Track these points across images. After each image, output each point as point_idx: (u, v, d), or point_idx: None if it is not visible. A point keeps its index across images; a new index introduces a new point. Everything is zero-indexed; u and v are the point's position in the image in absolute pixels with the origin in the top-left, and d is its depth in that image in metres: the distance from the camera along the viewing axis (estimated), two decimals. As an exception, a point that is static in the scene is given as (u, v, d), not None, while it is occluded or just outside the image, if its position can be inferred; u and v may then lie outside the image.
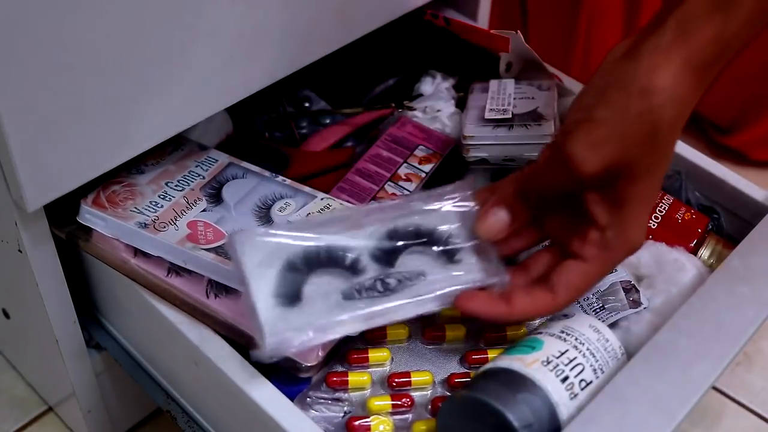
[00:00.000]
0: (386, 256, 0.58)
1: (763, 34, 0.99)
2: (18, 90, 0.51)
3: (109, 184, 0.64)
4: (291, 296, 0.55)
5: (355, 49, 0.73)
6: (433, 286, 0.57)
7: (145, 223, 0.62)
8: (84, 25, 0.52)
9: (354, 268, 0.58)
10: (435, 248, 0.59)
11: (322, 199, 0.67)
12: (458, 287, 0.57)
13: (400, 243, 0.59)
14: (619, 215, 0.55)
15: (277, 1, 0.63)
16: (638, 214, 0.55)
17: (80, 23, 0.52)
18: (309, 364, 0.57)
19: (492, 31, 0.78)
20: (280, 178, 0.68)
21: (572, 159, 0.52)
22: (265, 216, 0.65)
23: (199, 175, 0.67)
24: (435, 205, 0.61)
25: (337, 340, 0.59)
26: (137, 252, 0.62)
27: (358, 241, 0.59)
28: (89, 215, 0.62)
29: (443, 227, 0.60)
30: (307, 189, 0.67)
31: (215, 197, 0.66)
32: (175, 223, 0.62)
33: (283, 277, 0.56)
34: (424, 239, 0.60)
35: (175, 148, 0.69)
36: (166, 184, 0.66)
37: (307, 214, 0.65)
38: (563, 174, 0.53)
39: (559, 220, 0.58)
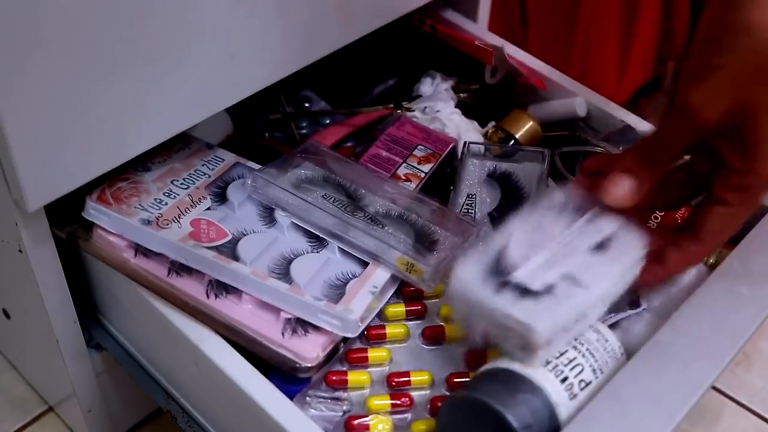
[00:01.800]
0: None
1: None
2: (18, 90, 0.51)
3: (114, 180, 0.64)
4: None
5: (355, 50, 0.73)
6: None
7: (148, 220, 0.62)
8: (84, 24, 0.52)
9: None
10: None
11: None
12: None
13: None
14: (752, 155, 0.54)
15: (277, 2, 0.63)
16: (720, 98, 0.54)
17: (80, 23, 0.52)
18: (308, 365, 0.57)
19: (476, 42, 0.79)
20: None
21: (692, 107, 0.53)
22: (269, 216, 0.65)
23: (204, 174, 0.68)
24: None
25: (338, 342, 0.59)
26: (137, 251, 0.62)
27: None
28: (93, 211, 0.62)
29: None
30: None
31: (220, 196, 0.66)
32: (178, 221, 0.63)
33: None
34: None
35: (183, 147, 0.69)
36: (172, 182, 0.66)
37: None
38: (685, 126, 0.54)
39: (699, 168, 0.59)
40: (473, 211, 0.69)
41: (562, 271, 0.55)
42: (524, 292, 0.54)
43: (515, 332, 0.52)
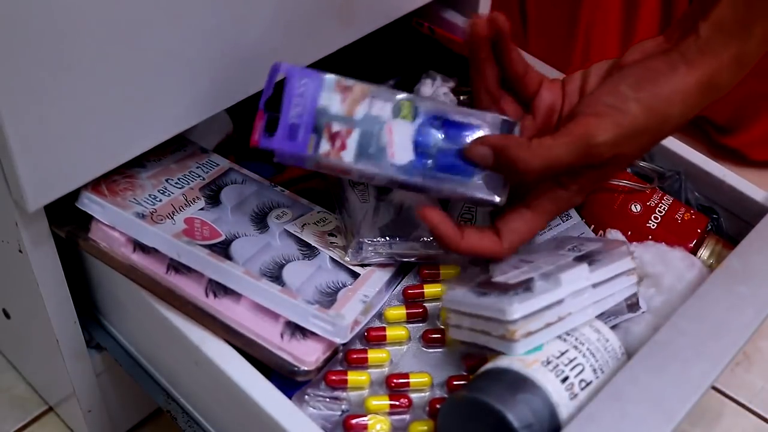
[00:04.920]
0: None
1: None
2: (18, 90, 0.51)
3: (110, 174, 0.64)
4: None
5: (355, 50, 0.73)
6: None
7: (142, 214, 0.62)
8: (84, 25, 0.52)
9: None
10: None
11: (318, 212, 0.68)
12: None
13: None
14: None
15: (277, 2, 0.63)
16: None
17: (80, 23, 0.52)
18: (306, 369, 0.57)
19: None
20: (279, 188, 0.69)
21: (595, 144, 0.55)
22: (261, 222, 0.65)
23: (199, 176, 0.68)
24: None
25: (337, 346, 0.59)
26: (136, 248, 0.62)
27: None
28: (88, 200, 0.62)
29: None
30: (303, 201, 0.68)
31: (213, 199, 0.66)
32: (172, 218, 0.63)
33: None
34: None
35: (177, 149, 0.70)
36: (167, 180, 0.66)
37: (303, 225, 0.65)
38: (577, 149, 0.55)
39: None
40: (474, 209, 0.69)
41: (541, 272, 0.56)
42: (503, 288, 0.55)
43: (494, 321, 0.54)
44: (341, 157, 0.58)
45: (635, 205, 0.70)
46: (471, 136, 0.60)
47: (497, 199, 0.59)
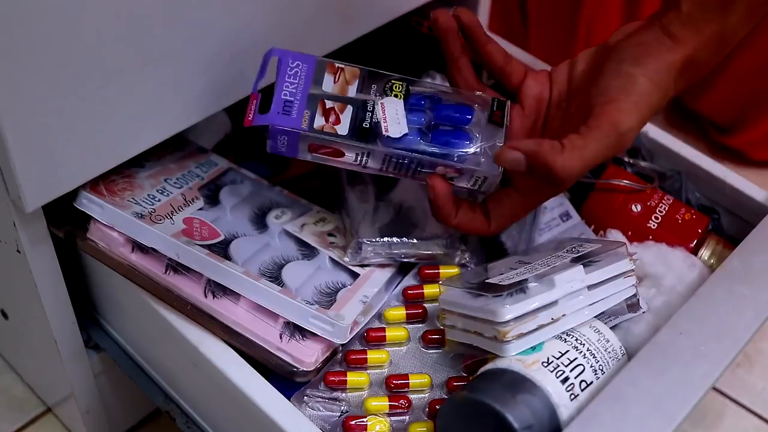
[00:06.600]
0: None
1: (763, 33, 1.00)
2: (16, 90, 0.51)
3: (108, 174, 0.64)
4: None
5: (354, 49, 0.73)
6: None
7: (141, 214, 0.62)
8: (83, 25, 0.52)
9: None
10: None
11: (317, 212, 0.68)
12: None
13: None
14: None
15: (276, 1, 0.63)
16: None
17: (79, 23, 0.52)
18: (306, 369, 0.57)
19: None
20: (278, 187, 0.69)
21: (624, 131, 0.54)
22: (260, 221, 0.65)
23: (198, 176, 0.68)
24: None
25: (336, 347, 0.59)
26: (135, 248, 0.62)
27: None
28: (86, 201, 0.62)
29: None
30: (303, 201, 0.68)
31: (212, 199, 0.66)
32: (171, 218, 0.62)
33: None
34: None
35: (176, 148, 0.69)
36: (165, 180, 0.66)
37: (302, 225, 0.65)
38: (609, 142, 0.54)
39: None
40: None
41: (535, 273, 0.56)
42: (497, 289, 0.55)
43: (486, 323, 0.54)
44: (336, 131, 0.58)
45: (635, 205, 0.70)
46: (463, 115, 0.60)
47: (496, 171, 0.59)
